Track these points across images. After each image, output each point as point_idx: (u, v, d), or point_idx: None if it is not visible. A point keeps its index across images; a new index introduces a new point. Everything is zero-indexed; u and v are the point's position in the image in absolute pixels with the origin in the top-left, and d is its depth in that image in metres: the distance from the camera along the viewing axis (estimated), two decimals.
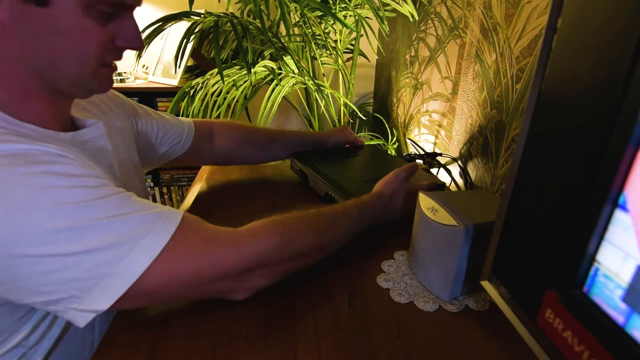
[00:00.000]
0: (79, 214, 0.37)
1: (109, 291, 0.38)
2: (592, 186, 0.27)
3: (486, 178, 0.90)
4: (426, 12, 1.31)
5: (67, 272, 0.36)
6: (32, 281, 0.36)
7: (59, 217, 0.36)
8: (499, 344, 0.45)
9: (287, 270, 0.51)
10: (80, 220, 0.37)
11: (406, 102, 1.56)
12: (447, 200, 0.51)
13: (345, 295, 0.52)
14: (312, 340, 0.44)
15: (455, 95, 1.08)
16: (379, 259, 0.60)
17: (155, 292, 0.41)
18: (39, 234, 0.35)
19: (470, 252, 0.47)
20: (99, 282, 0.37)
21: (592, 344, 0.27)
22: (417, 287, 0.54)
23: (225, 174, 1.01)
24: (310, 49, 1.49)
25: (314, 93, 1.56)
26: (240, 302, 0.50)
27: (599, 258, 0.28)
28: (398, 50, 1.67)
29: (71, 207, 0.37)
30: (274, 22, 1.46)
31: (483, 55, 0.91)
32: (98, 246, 0.37)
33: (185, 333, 0.45)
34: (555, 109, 0.31)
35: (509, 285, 0.38)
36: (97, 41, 0.43)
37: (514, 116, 0.79)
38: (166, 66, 1.82)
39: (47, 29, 0.41)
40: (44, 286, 0.37)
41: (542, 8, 0.70)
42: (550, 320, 0.31)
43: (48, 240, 0.36)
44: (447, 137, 1.14)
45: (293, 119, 2.27)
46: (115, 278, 0.38)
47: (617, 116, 0.25)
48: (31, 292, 0.37)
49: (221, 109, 1.40)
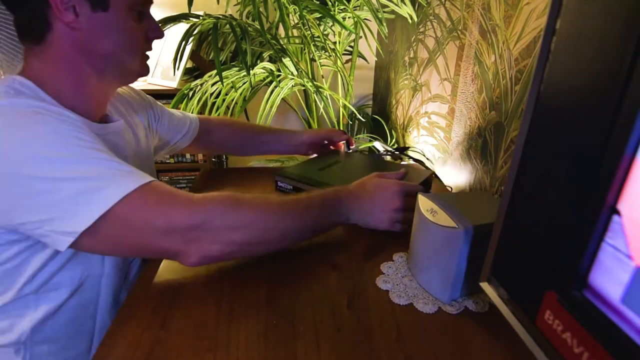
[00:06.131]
0: (74, 151, 0.46)
1: (83, 216, 0.44)
2: (591, 187, 0.27)
3: (485, 179, 0.90)
4: (425, 14, 1.31)
5: (55, 194, 0.44)
6: (27, 200, 0.44)
7: (57, 149, 0.45)
8: (498, 346, 0.45)
9: (238, 240, 0.51)
10: (74, 154, 0.45)
11: (405, 103, 1.56)
12: (446, 201, 0.51)
13: (344, 297, 0.52)
14: (311, 342, 0.44)
15: (454, 97, 1.08)
16: (378, 260, 0.60)
17: (111, 235, 0.47)
18: (38, 160, 0.44)
19: (470, 254, 0.47)
20: (76, 207, 0.44)
21: (592, 345, 0.27)
22: (416, 289, 0.54)
23: (224, 176, 1.01)
24: (309, 50, 1.49)
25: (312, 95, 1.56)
26: (239, 303, 0.50)
27: (599, 258, 0.28)
28: (397, 52, 1.68)
29: (70, 145, 0.46)
30: (273, 24, 1.46)
31: (482, 57, 0.92)
32: (83, 176, 0.45)
33: (184, 334, 0.45)
34: (554, 110, 0.31)
35: (508, 286, 0.38)
36: (140, 35, 0.58)
37: (513, 117, 0.79)
38: (165, 68, 1.82)
39: (109, 28, 0.54)
40: (35, 205, 0.44)
41: (541, 9, 0.70)
42: (550, 321, 0.31)
43: (45, 166, 0.44)
44: (446, 138, 1.14)
45: (292, 121, 2.27)
46: (91, 205, 0.44)
47: (616, 116, 0.25)
48: (24, 210, 0.44)
49: (220, 110, 1.40)
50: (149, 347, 0.43)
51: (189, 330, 0.46)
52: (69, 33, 0.52)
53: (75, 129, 0.48)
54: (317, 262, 0.59)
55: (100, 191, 0.45)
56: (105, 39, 0.54)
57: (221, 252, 0.51)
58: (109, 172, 0.46)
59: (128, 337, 0.45)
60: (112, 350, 0.43)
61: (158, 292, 0.52)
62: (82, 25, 0.52)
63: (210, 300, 0.51)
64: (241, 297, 0.51)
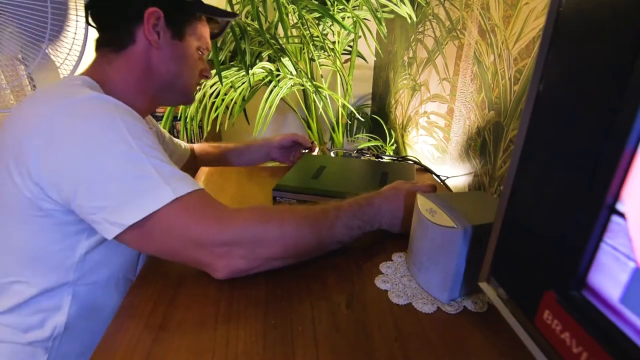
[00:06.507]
0: (142, 148, 0.50)
1: (134, 211, 0.47)
2: (590, 188, 0.27)
3: (484, 179, 0.90)
4: (424, 14, 1.31)
5: (116, 185, 0.47)
6: (91, 185, 0.47)
7: (128, 145, 0.49)
8: (497, 346, 0.45)
9: (265, 255, 0.52)
10: (142, 151, 0.49)
11: (404, 103, 1.56)
12: (445, 201, 0.51)
13: (343, 297, 0.52)
14: (310, 342, 0.44)
15: (453, 97, 1.08)
16: (377, 260, 0.60)
17: (153, 234, 0.49)
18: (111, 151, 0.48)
19: (469, 254, 0.47)
20: (131, 201, 0.47)
21: (591, 345, 0.27)
22: (415, 289, 0.54)
23: (223, 177, 1.01)
24: (309, 50, 1.49)
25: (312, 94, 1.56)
26: (238, 303, 0.50)
27: (597, 259, 0.28)
28: (396, 52, 1.68)
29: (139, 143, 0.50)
30: (272, 24, 1.46)
31: (481, 57, 0.92)
32: (143, 174, 0.48)
33: (183, 334, 0.45)
34: (554, 111, 0.31)
35: (507, 286, 0.38)
36: (197, 69, 0.72)
37: (512, 117, 0.79)
38: None
39: (177, 55, 0.67)
40: (96, 191, 0.48)
41: (540, 9, 0.70)
42: (549, 321, 0.31)
43: (115, 158, 0.48)
44: (445, 138, 1.14)
45: (291, 121, 2.27)
46: (143, 202, 0.47)
47: (615, 117, 0.25)
48: (86, 193, 0.48)
49: (219, 110, 1.40)
50: (147, 347, 0.43)
51: (188, 330, 0.46)
52: (147, 49, 0.63)
53: (144, 128, 0.52)
54: (316, 261, 0.58)
55: (154, 191, 0.48)
56: (171, 61, 0.66)
57: (249, 266, 0.52)
58: (166, 174, 0.50)
59: (127, 337, 0.45)
60: (111, 350, 0.43)
61: (157, 292, 0.52)
62: (160, 45, 0.64)
63: (209, 300, 0.51)
64: (240, 297, 0.51)
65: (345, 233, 0.59)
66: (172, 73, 0.67)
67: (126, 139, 0.49)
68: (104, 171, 0.47)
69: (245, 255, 0.51)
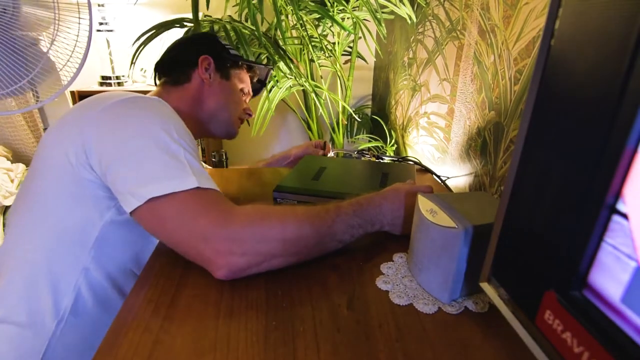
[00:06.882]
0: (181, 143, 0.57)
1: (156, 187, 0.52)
2: (591, 187, 0.27)
3: (485, 179, 0.90)
4: (424, 14, 1.31)
5: (149, 163, 0.54)
6: (129, 155, 0.54)
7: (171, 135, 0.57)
8: (498, 346, 0.45)
9: (268, 252, 0.53)
10: (180, 145, 0.57)
11: (404, 104, 1.56)
12: (446, 202, 0.51)
13: (344, 297, 0.52)
14: (311, 343, 0.44)
15: (453, 97, 1.08)
16: (378, 261, 0.60)
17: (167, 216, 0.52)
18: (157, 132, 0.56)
19: (469, 254, 0.47)
20: (156, 177, 0.53)
21: (592, 345, 0.27)
22: (416, 289, 0.54)
23: (224, 178, 1.01)
24: (308, 51, 1.50)
25: (311, 95, 1.56)
26: (239, 303, 0.50)
27: (598, 259, 0.28)
28: (396, 53, 1.68)
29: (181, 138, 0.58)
30: (272, 25, 1.46)
31: (481, 57, 0.92)
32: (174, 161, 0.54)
33: (184, 335, 0.45)
34: (554, 111, 0.31)
35: (508, 286, 0.38)
36: (239, 106, 0.91)
37: (513, 118, 0.79)
38: None
39: (223, 92, 0.86)
40: (130, 160, 0.54)
41: (540, 9, 0.71)
42: (550, 321, 0.31)
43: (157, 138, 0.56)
44: (446, 138, 1.14)
45: (291, 122, 2.28)
46: (167, 182, 0.52)
47: (615, 117, 0.25)
48: (121, 162, 0.55)
49: None
50: (148, 348, 0.43)
51: (188, 331, 0.46)
52: (200, 85, 0.83)
53: (188, 133, 0.61)
54: (316, 262, 0.58)
55: (180, 177, 0.53)
56: (218, 96, 0.85)
57: (250, 264, 0.52)
58: (195, 168, 0.55)
59: (128, 339, 0.45)
60: (111, 351, 0.43)
61: (157, 293, 0.52)
62: (210, 83, 0.83)
63: (210, 301, 0.51)
64: (241, 298, 0.51)
65: (346, 231, 0.58)
66: (219, 105, 0.85)
67: (171, 133, 0.57)
68: (144, 150, 0.54)
69: (247, 251, 0.52)
